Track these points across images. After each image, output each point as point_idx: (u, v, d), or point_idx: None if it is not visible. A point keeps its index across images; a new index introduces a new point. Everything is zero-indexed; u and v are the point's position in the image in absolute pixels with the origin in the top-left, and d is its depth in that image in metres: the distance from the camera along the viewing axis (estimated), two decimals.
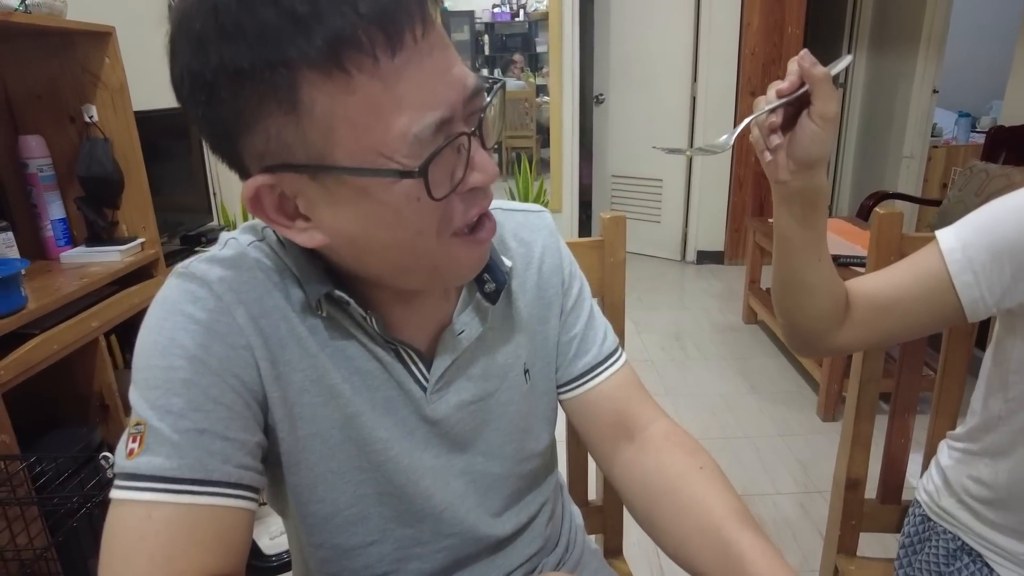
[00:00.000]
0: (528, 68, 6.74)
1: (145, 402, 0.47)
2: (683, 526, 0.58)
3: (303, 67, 0.40)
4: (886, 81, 4.13)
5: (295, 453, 0.55)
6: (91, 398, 1.54)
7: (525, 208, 0.69)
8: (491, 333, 0.62)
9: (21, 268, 1.26)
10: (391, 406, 0.57)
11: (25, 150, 1.57)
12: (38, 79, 1.61)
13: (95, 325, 1.46)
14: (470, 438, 0.62)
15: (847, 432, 0.95)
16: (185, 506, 0.46)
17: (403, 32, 0.40)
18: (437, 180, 0.44)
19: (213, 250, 0.53)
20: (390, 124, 0.42)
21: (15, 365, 1.20)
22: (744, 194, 4.01)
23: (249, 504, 0.49)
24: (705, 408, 2.39)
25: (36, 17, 1.39)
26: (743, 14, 3.69)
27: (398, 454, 0.57)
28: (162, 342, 0.48)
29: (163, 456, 0.46)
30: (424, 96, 0.42)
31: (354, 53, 0.39)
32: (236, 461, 0.48)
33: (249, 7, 0.39)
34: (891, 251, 0.86)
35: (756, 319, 3.13)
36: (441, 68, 0.43)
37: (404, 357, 0.57)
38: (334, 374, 0.54)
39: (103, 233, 1.68)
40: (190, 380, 0.47)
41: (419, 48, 0.42)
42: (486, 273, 0.59)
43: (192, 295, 0.49)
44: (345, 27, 0.39)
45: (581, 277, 0.70)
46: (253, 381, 0.51)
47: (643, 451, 0.64)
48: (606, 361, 0.68)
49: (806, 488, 1.91)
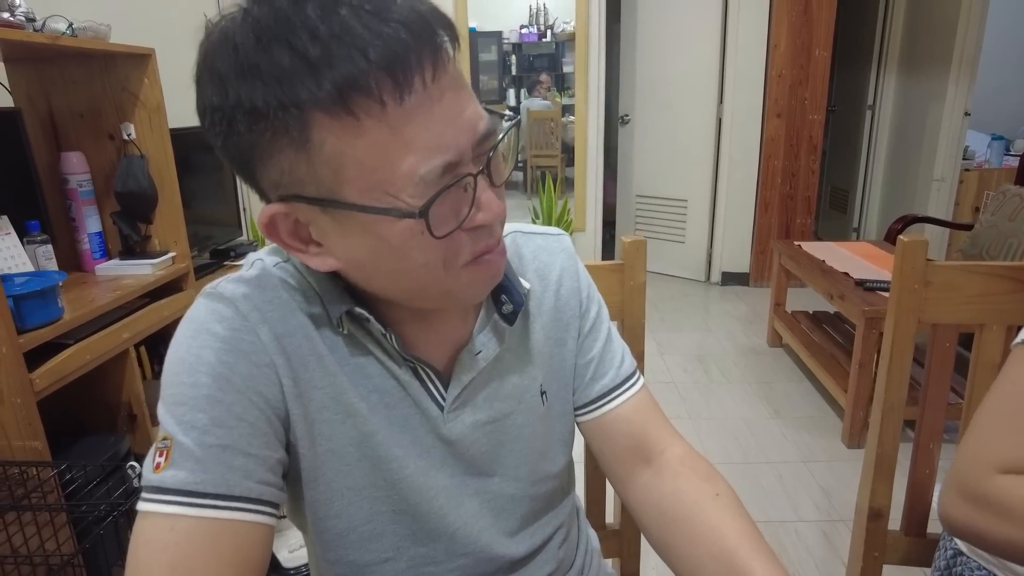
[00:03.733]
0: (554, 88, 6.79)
1: (172, 417, 0.49)
2: (697, 553, 0.57)
3: (313, 109, 0.41)
4: (916, 103, 4.08)
5: (314, 469, 0.56)
6: (120, 408, 1.57)
7: (544, 231, 0.70)
8: (508, 354, 0.63)
9: (59, 280, 1.30)
10: (408, 424, 0.58)
11: (66, 166, 1.63)
12: (81, 98, 1.67)
13: (126, 336, 1.50)
14: (486, 459, 0.62)
15: (869, 460, 0.94)
16: (207, 520, 0.47)
17: (412, 78, 0.41)
18: (441, 218, 0.46)
19: (240, 271, 0.55)
20: (397, 165, 0.43)
21: (50, 374, 1.24)
22: (770, 216, 3.98)
23: (268, 520, 0.50)
24: (727, 432, 2.36)
25: (82, 40, 1.44)
26: (770, 36, 3.69)
27: (413, 472, 0.58)
28: (189, 359, 0.50)
29: (187, 470, 0.47)
30: (432, 139, 0.43)
31: (362, 98, 0.41)
32: (257, 477, 0.50)
33: (266, 48, 0.41)
34: (915, 279, 0.85)
35: (781, 342, 3.09)
36: (452, 112, 0.44)
37: (422, 375, 0.58)
38: (352, 392, 0.55)
39: (136, 247, 1.73)
40: (214, 397, 0.49)
41: (429, 93, 0.42)
42: (504, 295, 0.60)
43: (218, 314, 0.51)
44: (354, 72, 0.40)
45: (599, 300, 0.71)
46: (276, 398, 0.52)
47: (659, 476, 0.64)
48: (623, 384, 0.68)
49: (829, 516, 1.87)
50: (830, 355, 2.55)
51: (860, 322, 2.12)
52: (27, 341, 1.19)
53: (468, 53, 3.81)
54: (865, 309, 2.08)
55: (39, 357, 1.24)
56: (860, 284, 2.28)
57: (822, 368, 2.49)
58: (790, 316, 2.99)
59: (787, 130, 3.81)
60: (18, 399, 1.17)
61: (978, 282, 0.86)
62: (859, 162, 4.63)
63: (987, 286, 0.85)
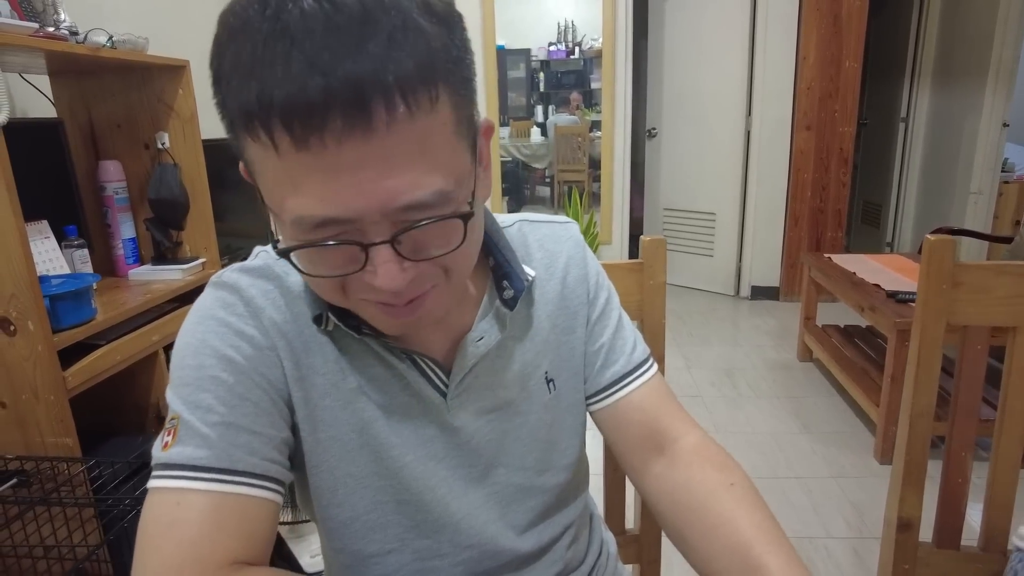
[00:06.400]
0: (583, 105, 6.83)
1: (178, 398, 0.51)
2: (711, 545, 0.56)
3: (234, 116, 0.41)
4: (951, 115, 4.00)
5: (316, 455, 0.57)
6: (148, 409, 1.61)
7: (551, 219, 0.69)
8: (511, 341, 0.62)
9: (92, 282, 1.34)
10: (408, 414, 0.58)
11: (104, 174, 1.68)
12: (119, 109, 1.73)
13: (155, 339, 1.53)
14: (491, 447, 0.62)
15: (898, 468, 0.91)
16: (212, 493, 0.48)
17: (309, 137, 0.38)
18: (313, 262, 0.46)
19: (245, 261, 0.57)
20: (283, 199, 0.42)
21: (82, 373, 1.28)
22: (800, 229, 3.92)
23: (273, 496, 0.51)
24: (755, 447, 2.31)
25: (121, 52, 1.50)
26: (799, 48, 3.66)
27: (412, 461, 0.58)
28: (194, 343, 0.52)
29: (193, 447, 0.49)
30: (320, 192, 0.40)
31: (260, 131, 0.39)
32: (262, 454, 0.51)
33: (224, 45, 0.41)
34: (943, 279, 0.83)
35: (811, 357, 3.03)
36: (359, 178, 0.40)
37: (421, 366, 0.58)
38: (352, 379, 0.56)
39: (168, 253, 1.77)
40: (218, 378, 0.51)
41: (332, 153, 0.39)
42: (505, 280, 0.60)
43: (223, 301, 0.54)
44: (254, 108, 0.39)
45: (609, 288, 0.70)
46: (279, 380, 0.54)
47: (672, 466, 0.63)
48: (636, 371, 0.67)
49: (860, 533, 1.81)
50: (861, 369, 2.49)
51: (892, 335, 2.07)
52: (61, 340, 1.23)
53: (496, 71, 3.82)
54: (897, 321, 2.03)
55: (72, 356, 1.28)
56: (892, 296, 2.23)
57: (853, 382, 2.43)
58: (820, 330, 2.93)
59: (817, 143, 3.76)
60: (51, 396, 1.21)
61: (1009, 283, 0.83)
62: (892, 176, 4.54)
63: (1019, 287, 0.83)
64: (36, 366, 1.19)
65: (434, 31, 0.40)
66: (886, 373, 2.11)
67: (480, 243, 0.53)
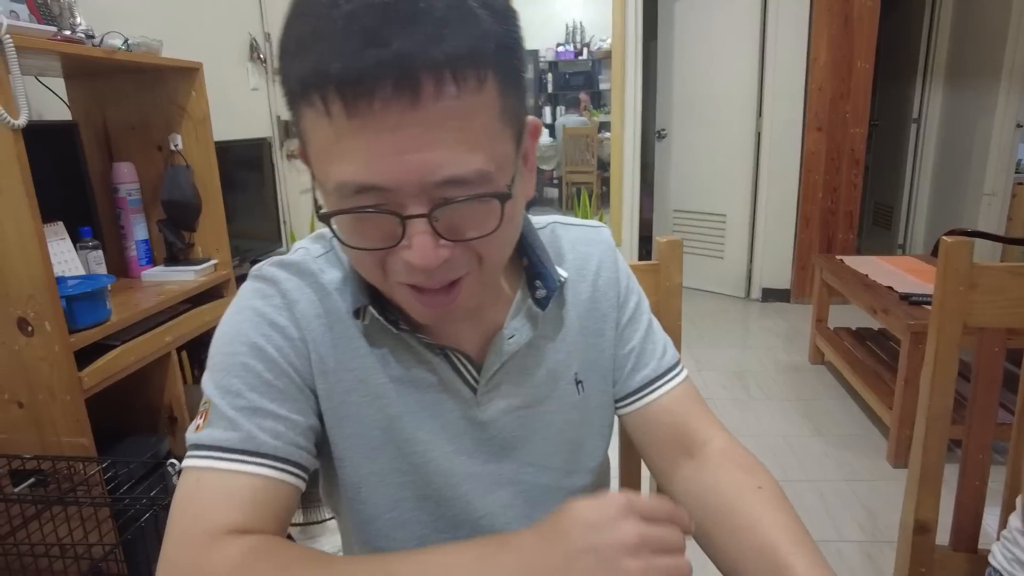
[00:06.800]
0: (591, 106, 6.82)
1: (212, 383, 0.53)
2: (738, 547, 0.56)
3: (293, 83, 0.43)
4: (964, 116, 3.97)
5: (342, 449, 0.58)
6: (161, 409, 1.62)
7: (583, 223, 0.70)
8: (542, 340, 0.63)
9: (107, 283, 1.35)
10: (439, 409, 0.59)
11: (117, 176, 1.70)
12: (132, 111, 1.74)
13: (168, 340, 1.54)
14: (518, 444, 0.62)
15: (914, 471, 0.90)
16: (230, 472, 0.50)
17: (359, 101, 0.40)
18: (352, 232, 0.47)
19: (285, 255, 0.59)
20: (328, 166, 0.44)
21: (97, 373, 1.29)
22: (811, 231, 3.90)
23: (292, 479, 0.53)
24: (766, 450, 2.30)
25: (136, 55, 1.51)
26: (810, 49, 3.65)
27: (438, 456, 0.59)
28: (230, 332, 0.55)
29: (220, 429, 0.51)
30: (363, 158, 0.42)
31: (316, 97, 0.42)
32: (286, 439, 0.53)
33: (288, 30, 0.43)
34: (959, 280, 0.83)
35: (823, 359, 3.01)
36: (401, 146, 0.41)
37: (453, 360, 0.59)
38: (380, 375, 0.57)
39: (180, 254, 1.78)
40: (248, 364, 0.53)
41: (380, 119, 0.41)
42: (538, 280, 0.61)
43: (260, 292, 0.56)
44: (312, 75, 0.41)
45: (639, 292, 0.70)
46: (306, 371, 0.56)
47: (701, 469, 0.63)
48: (665, 375, 0.67)
49: (874, 537, 1.80)
50: (874, 372, 2.47)
51: (905, 337, 2.05)
52: (77, 340, 1.24)
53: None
54: (910, 323, 2.02)
55: (87, 357, 1.29)
56: (905, 298, 2.21)
57: (866, 385, 2.41)
58: (832, 332, 2.91)
59: (828, 144, 3.74)
60: (67, 396, 1.22)
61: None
62: (904, 177, 4.52)
63: None
64: (52, 366, 1.20)
65: (488, 19, 0.42)
66: (899, 376, 2.09)
67: (516, 237, 0.53)
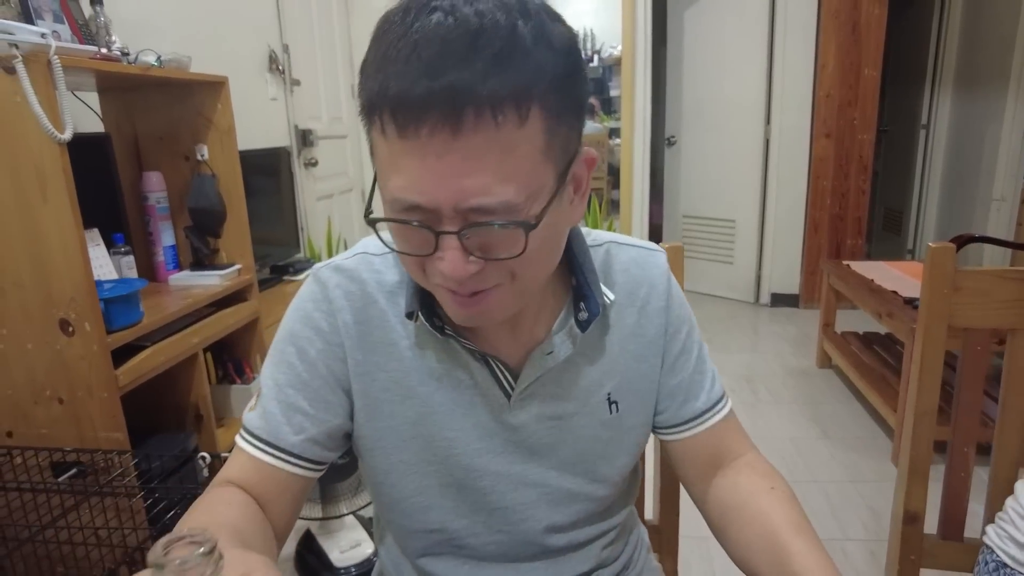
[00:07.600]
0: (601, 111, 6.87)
1: (266, 371, 0.62)
2: (747, 535, 0.62)
3: (364, 103, 0.47)
4: (973, 122, 3.99)
5: (373, 440, 0.64)
6: (188, 408, 1.69)
7: (641, 244, 0.70)
8: (580, 358, 0.64)
9: (140, 287, 1.43)
10: (472, 409, 0.63)
11: (147, 185, 1.78)
12: (161, 123, 1.83)
13: (195, 341, 1.62)
14: (545, 451, 0.65)
15: (903, 465, 0.95)
16: (255, 458, 0.60)
17: (408, 127, 0.44)
18: (398, 237, 0.51)
19: (342, 256, 0.64)
20: (388, 178, 0.48)
21: (131, 372, 1.36)
22: (820, 237, 3.93)
23: (304, 472, 0.61)
24: (774, 452, 2.34)
25: (167, 70, 1.59)
26: (818, 56, 3.68)
27: (465, 452, 0.63)
28: (287, 328, 0.63)
29: (258, 416, 0.61)
30: (414, 178, 0.46)
31: (376, 118, 0.46)
32: (308, 435, 0.61)
33: (368, 50, 0.48)
34: (944, 284, 0.88)
35: (830, 363, 3.04)
36: (446, 171, 0.45)
37: (493, 367, 0.62)
38: (414, 377, 0.62)
39: (205, 259, 1.86)
40: (291, 363, 0.61)
41: (427, 144, 0.44)
42: (583, 301, 0.61)
43: (313, 295, 0.62)
44: (373, 98, 0.46)
45: (691, 320, 0.70)
46: (342, 373, 0.62)
47: (725, 476, 0.68)
48: (714, 407, 0.69)
49: (877, 536, 1.83)
50: (880, 375, 2.51)
51: (909, 340, 2.09)
52: (113, 340, 1.32)
53: None
54: (914, 327, 2.04)
55: (121, 357, 1.36)
56: (909, 302, 2.25)
57: (872, 388, 2.45)
58: (839, 336, 2.95)
59: (836, 150, 3.78)
60: (105, 393, 1.29)
61: (1009, 287, 0.87)
62: (913, 183, 4.53)
63: (1019, 291, 0.87)
64: (91, 365, 1.27)
65: (544, 55, 0.45)
66: (903, 378, 2.13)
67: (553, 258, 0.55)
